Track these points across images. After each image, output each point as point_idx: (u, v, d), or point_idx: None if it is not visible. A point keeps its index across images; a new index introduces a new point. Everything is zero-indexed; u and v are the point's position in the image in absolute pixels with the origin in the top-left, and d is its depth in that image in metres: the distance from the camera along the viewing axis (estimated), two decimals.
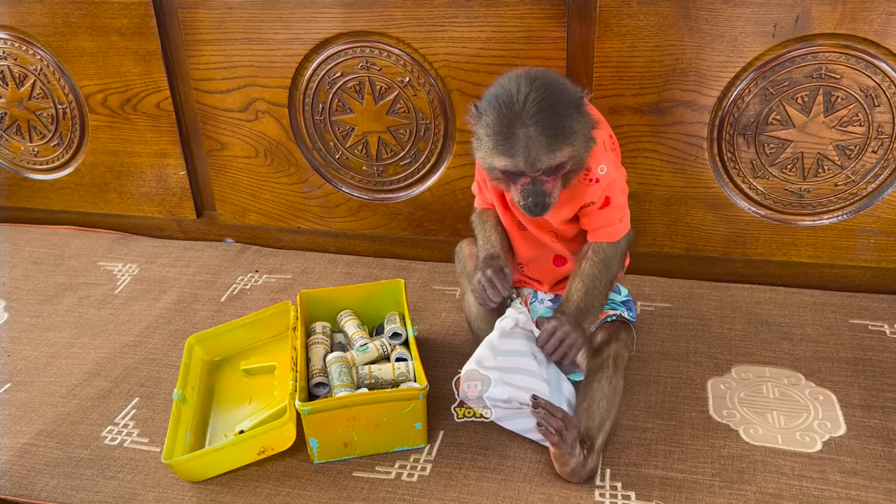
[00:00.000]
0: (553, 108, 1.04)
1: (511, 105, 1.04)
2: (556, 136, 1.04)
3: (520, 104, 1.03)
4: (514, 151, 1.04)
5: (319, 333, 1.38)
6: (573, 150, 1.07)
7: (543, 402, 1.09)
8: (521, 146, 1.04)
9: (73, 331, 1.58)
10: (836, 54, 1.37)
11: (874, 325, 1.44)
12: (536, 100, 1.03)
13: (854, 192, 1.47)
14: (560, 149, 1.05)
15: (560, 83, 1.08)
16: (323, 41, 1.59)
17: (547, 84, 1.05)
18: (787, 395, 1.28)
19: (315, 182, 1.75)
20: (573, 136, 1.06)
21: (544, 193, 1.08)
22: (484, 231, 1.27)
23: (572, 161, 1.08)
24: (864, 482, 1.10)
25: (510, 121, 1.04)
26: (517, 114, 1.03)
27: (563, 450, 1.08)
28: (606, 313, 1.26)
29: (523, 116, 1.03)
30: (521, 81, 1.05)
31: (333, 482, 1.16)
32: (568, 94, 1.07)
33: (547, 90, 1.04)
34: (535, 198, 1.08)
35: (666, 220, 1.57)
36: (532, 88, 1.04)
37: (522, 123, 1.03)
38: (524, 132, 1.03)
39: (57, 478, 1.20)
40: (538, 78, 1.06)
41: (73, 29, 1.72)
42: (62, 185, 1.94)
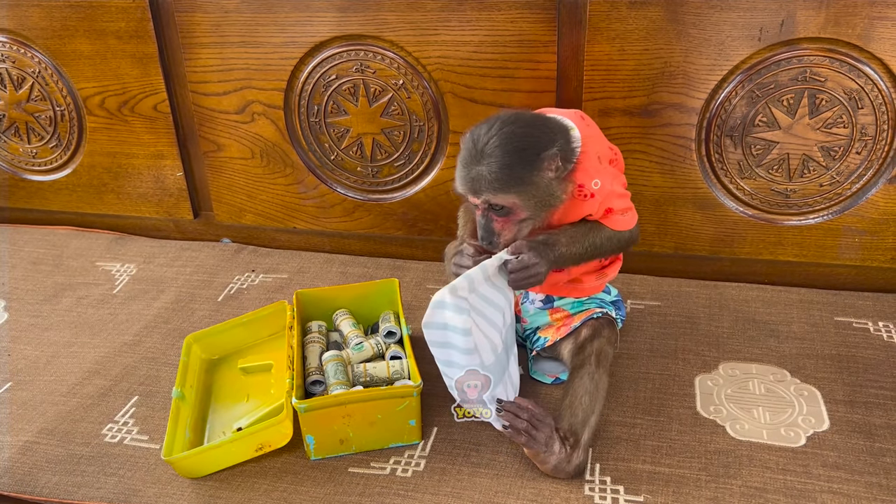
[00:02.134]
0: (506, 156, 1.10)
1: (475, 143, 1.13)
2: (501, 180, 1.11)
3: (480, 145, 1.12)
4: (465, 182, 1.14)
5: (315, 332, 1.41)
6: (521, 200, 1.13)
7: (507, 403, 1.12)
8: (470, 178, 1.13)
9: (72, 330, 1.60)
10: (820, 58, 1.40)
11: (858, 323, 1.47)
12: (495, 144, 1.11)
13: (839, 193, 1.50)
14: (502, 192, 1.11)
15: (531, 133, 1.13)
16: (318, 44, 1.61)
17: (514, 133, 1.12)
18: (772, 392, 1.31)
19: (310, 183, 1.77)
20: (521, 187, 1.11)
21: (492, 231, 1.16)
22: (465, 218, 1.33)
23: (525, 210, 1.14)
24: (847, 476, 1.14)
25: (472, 155, 1.13)
26: (478, 151, 1.12)
27: (536, 449, 1.11)
28: (592, 311, 1.29)
29: (480, 155, 1.12)
30: (494, 124, 1.13)
31: (330, 478, 1.19)
32: (534, 147, 1.12)
33: (510, 138, 1.11)
34: (483, 231, 1.17)
35: (655, 221, 1.60)
36: (498, 133, 1.11)
37: (477, 161, 1.12)
38: (476, 169, 1.12)
39: (58, 475, 1.22)
40: (513, 123, 1.13)
41: (71, 32, 1.74)
42: (60, 187, 1.97)
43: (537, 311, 1.34)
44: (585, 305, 1.32)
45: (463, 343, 1.10)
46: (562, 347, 1.29)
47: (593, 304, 1.33)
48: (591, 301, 1.33)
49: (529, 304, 1.35)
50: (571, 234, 1.20)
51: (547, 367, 1.34)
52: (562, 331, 1.29)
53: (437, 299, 1.10)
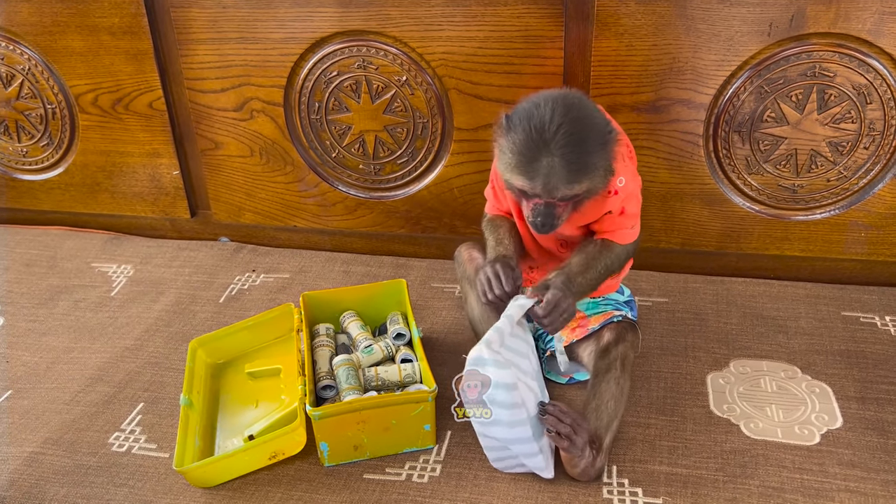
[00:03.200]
0: (581, 144, 1.05)
1: (542, 131, 1.04)
2: (578, 170, 1.06)
3: (550, 133, 1.04)
4: (533, 176, 1.06)
5: (324, 335, 1.39)
6: (591, 184, 1.09)
7: (551, 407, 1.10)
8: (542, 173, 1.06)
9: (71, 335, 1.57)
10: (829, 53, 1.39)
11: (865, 318, 1.47)
12: (567, 132, 1.04)
13: (846, 188, 1.50)
14: (579, 182, 1.07)
15: (592, 116, 1.09)
16: (319, 40, 1.58)
17: (580, 117, 1.06)
18: (784, 389, 1.31)
19: (311, 181, 1.74)
20: (594, 171, 1.07)
21: (554, 216, 1.11)
22: (496, 234, 1.28)
23: (588, 192, 1.10)
24: (863, 474, 1.14)
25: (537, 146, 1.05)
26: (546, 141, 1.04)
27: (573, 453, 1.10)
28: (612, 313, 1.28)
29: (551, 146, 1.04)
30: (556, 108, 1.05)
31: (345, 485, 1.17)
32: (598, 129, 1.08)
33: (579, 124, 1.05)
34: (544, 218, 1.11)
35: (662, 216, 1.59)
36: (565, 120, 1.04)
37: (549, 152, 1.05)
38: (548, 161, 1.05)
39: (66, 486, 1.20)
40: (573, 108, 1.06)
41: (62, 28, 1.70)
42: (52, 186, 1.92)
43: None
44: (601, 307, 1.31)
45: (509, 399, 1.07)
46: (580, 349, 1.28)
47: (609, 305, 1.32)
48: (606, 303, 1.33)
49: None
50: (583, 262, 1.18)
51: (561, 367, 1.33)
52: (577, 332, 1.28)
53: (476, 356, 1.07)
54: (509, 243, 1.25)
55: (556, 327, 1.14)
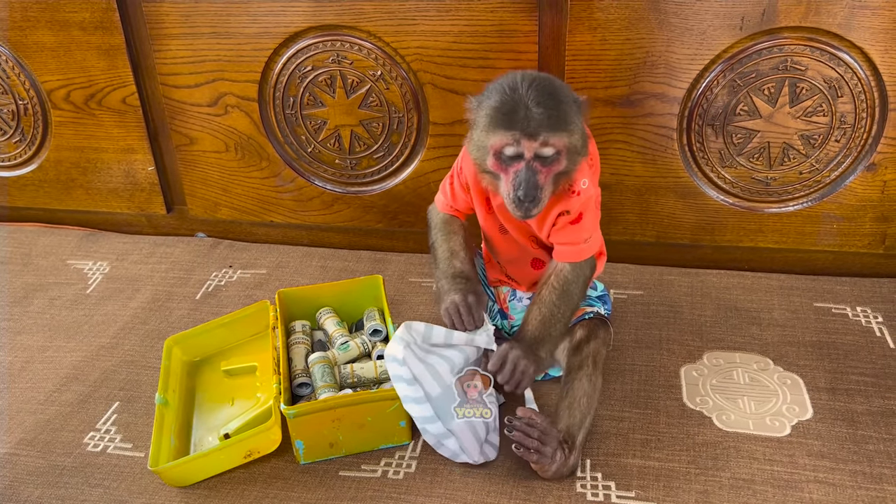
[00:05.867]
0: (555, 95, 1.07)
1: (515, 89, 1.07)
2: (557, 117, 1.06)
3: (524, 88, 1.07)
4: (513, 124, 1.06)
5: (300, 332, 1.39)
6: (570, 141, 1.08)
7: (518, 423, 1.10)
8: (521, 119, 1.06)
9: (46, 333, 1.56)
10: (801, 47, 1.40)
11: (837, 308, 1.49)
12: (539, 86, 1.07)
13: (818, 180, 1.52)
14: (558, 130, 1.07)
15: (562, 84, 1.13)
16: (292, 35, 1.57)
17: (550, 79, 1.10)
18: (756, 381, 1.33)
19: (287, 176, 1.74)
20: (571, 126, 1.08)
21: (537, 185, 1.08)
22: (449, 243, 1.29)
23: (567, 157, 1.09)
24: (831, 464, 1.16)
25: (513, 101, 1.07)
26: (521, 96, 1.06)
27: (544, 463, 1.11)
28: (584, 310, 1.29)
29: (526, 99, 1.06)
30: (525, 75, 1.09)
31: (320, 482, 1.18)
32: (570, 95, 1.11)
33: (550, 82, 1.09)
34: (526, 188, 1.07)
35: (637, 209, 1.60)
36: (536, 79, 1.08)
37: (524, 105, 1.06)
38: (525, 111, 1.06)
39: (41, 487, 1.19)
40: (541, 75, 1.11)
41: (33, 23, 1.68)
42: (26, 182, 1.90)
43: (525, 308, 1.34)
44: None
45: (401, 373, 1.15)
46: None
47: (582, 302, 1.32)
48: None
49: (517, 302, 1.35)
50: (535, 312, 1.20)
51: None
52: None
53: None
54: (464, 257, 1.28)
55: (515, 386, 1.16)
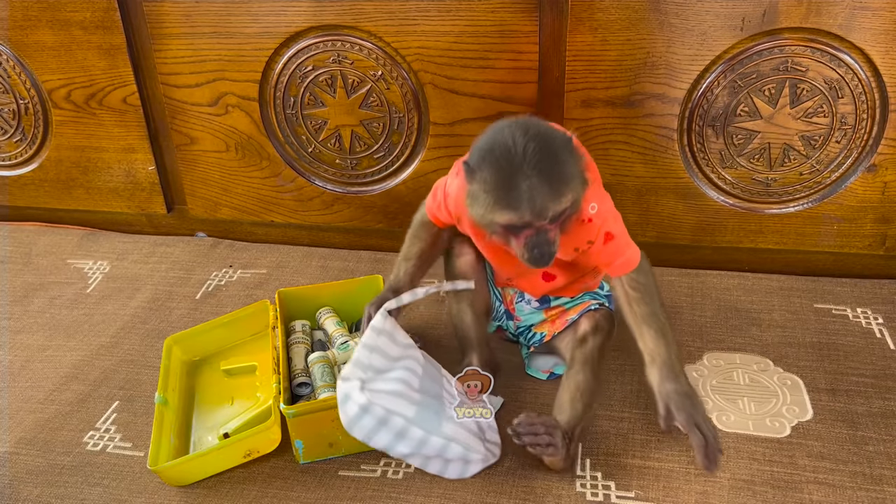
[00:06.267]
0: (552, 156, 1.00)
1: (510, 158, 0.99)
2: (560, 182, 1.01)
3: (519, 156, 0.99)
4: (518, 204, 1.00)
5: (299, 332, 1.39)
6: (574, 194, 1.04)
7: (521, 426, 1.10)
8: (526, 197, 1.00)
9: (46, 332, 1.56)
10: (801, 48, 1.40)
11: (837, 310, 1.49)
12: (536, 149, 0.99)
13: (818, 181, 1.51)
14: (564, 194, 1.02)
15: (550, 129, 1.05)
16: (293, 35, 1.57)
17: (541, 133, 1.02)
18: (756, 382, 1.33)
19: (288, 176, 1.74)
20: (573, 180, 1.03)
21: (549, 243, 1.04)
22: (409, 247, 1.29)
23: (572, 206, 1.05)
24: (831, 465, 1.15)
25: (511, 173, 1.00)
26: (518, 165, 0.99)
27: (557, 455, 1.11)
28: (588, 302, 1.29)
29: (524, 167, 0.99)
30: (514, 132, 1.01)
31: (320, 482, 1.18)
32: (560, 139, 1.04)
33: (543, 138, 1.01)
34: (540, 248, 1.04)
35: (637, 210, 1.60)
36: (528, 138, 1.00)
37: (525, 175, 0.99)
38: (527, 183, 0.99)
39: (40, 486, 1.19)
40: (530, 127, 1.02)
41: (34, 23, 1.68)
42: (26, 182, 1.90)
43: (533, 310, 1.33)
44: (580, 299, 1.32)
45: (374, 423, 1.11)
46: (558, 340, 1.28)
47: (587, 296, 1.32)
48: (584, 294, 1.33)
49: (525, 304, 1.34)
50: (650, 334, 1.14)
51: (541, 362, 1.34)
52: (557, 324, 1.29)
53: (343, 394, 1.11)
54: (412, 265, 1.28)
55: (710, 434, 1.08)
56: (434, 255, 1.31)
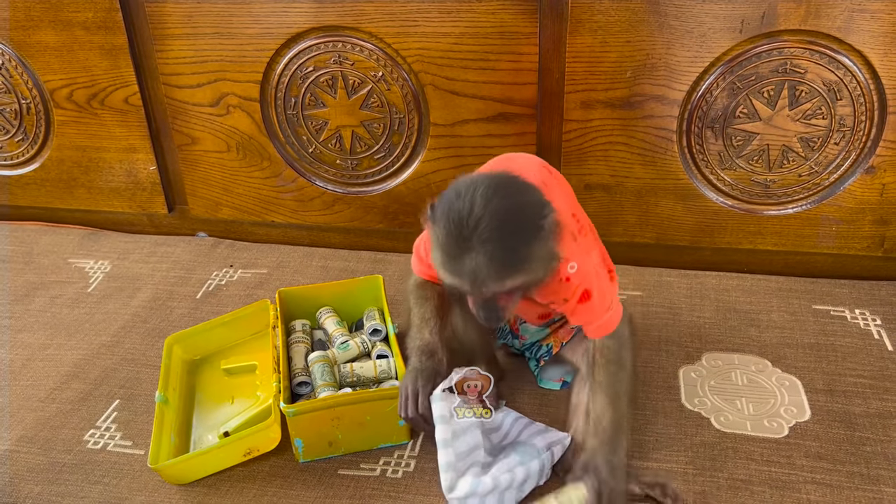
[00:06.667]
0: (506, 237, 0.93)
1: (461, 226, 0.93)
2: (507, 265, 0.94)
3: (469, 228, 0.92)
4: (460, 275, 0.96)
5: (300, 332, 1.39)
6: (526, 277, 0.97)
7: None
8: (468, 272, 0.94)
9: (47, 331, 1.56)
10: (800, 50, 1.40)
11: (836, 311, 1.49)
12: (488, 227, 0.92)
13: (817, 183, 1.52)
14: (510, 277, 0.96)
15: (520, 201, 0.97)
16: (294, 36, 1.58)
17: (505, 206, 0.94)
18: (754, 382, 1.33)
19: (288, 176, 1.74)
20: (528, 264, 0.96)
21: (497, 309, 1.01)
22: (422, 309, 1.19)
23: (530, 284, 1.00)
24: (829, 466, 1.16)
25: (457, 243, 0.94)
26: (465, 238, 0.93)
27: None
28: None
29: (472, 242, 0.92)
30: (476, 197, 0.93)
31: (319, 481, 1.18)
32: (528, 216, 0.95)
33: (503, 214, 0.93)
34: (486, 312, 1.01)
35: (637, 211, 1.60)
36: (486, 211, 0.92)
37: (470, 249, 0.93)
38: (471, 259, 0.93)
39: (41, 484, 1.20)
40: (497, 195, 0.94)
41: (36, 23, 1.68)
42: (28, 181, 1.91)
43: (537, 329, 1.32)
44: None
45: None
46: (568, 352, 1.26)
47: None
48: None
49: (529, 325, 1.32)
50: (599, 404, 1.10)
51: (551, 373, 1.33)
52: (561, 333, 1.28)
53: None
54: (434, 325, 1.17)
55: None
56: (446, 308, 1.22)
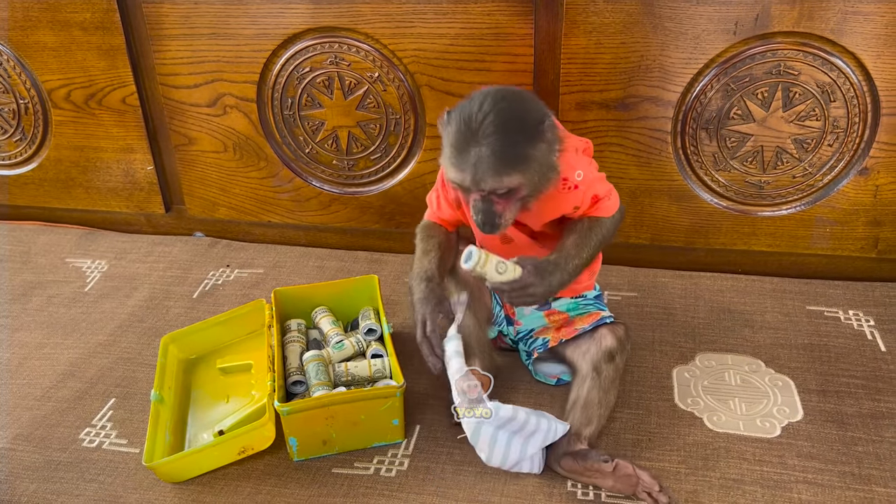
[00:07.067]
0: (508, 132, 1.03)
1: (469, 122, 1.04)
2: (506, 160, 1.03)
3: (476, 123, 1.03)
4: (463, 167, 1.05)
5: (295, 331, 1.40)
6: (524, 178, 1.06)
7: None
8: (470, 164, 1.04)
9: (44, 331, 1.57)
10: (794, 51, 1.41)
11: (829, 312, 1.50)
12: (493, 121, 1.03)
13: (811, 184, 1.53)
14: (508, 174, 1.04)
15: (525, 107, 1.07)
16: (291, 36, 1.59)
17: (509, 107, 1.05)
18: (748, 382, 1.34)
19: (285, 176, 1.75)
20: (526, 163, 1.05)
21: (494, 213, 1.08)
22: (423, 244, 1.27)
23: (527, 188, 1.08)
24: (820, 465, 1.16)
25: (465, 137, 1.04)
26: (473, 132, 1.03)
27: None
28: (599, 314, 1.28)
29: (478, 135, 1.03)
30: (486, 100, 1.05)
31: (313, 479, 1.19)
32: (529, 119, 1.06)
33: (508, 112, 1.04)
34: (484, 216, 1.08)
35: (632, 212, 1.61)
36: (493, 109, 1.03)
37: (476, 143, 1.03)
38: (476, 151, 1.03)
39: (36, 482, 1.20)
40: (504, 99, 1.05)
41: (34, 23, 1.69)
42: (26, 181, 1.92)
43: (533, 312, 1.33)
44: (584, 308, 1.32)
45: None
46: (569, 349, 1.27)
47: (591, 305, 1.32)
48: (586, 302, 1.33)
49: (524, 308, 1.34)
50: (576, 241, 1.18)
51: (548, 369, 1.34)
52: (563, 331, 1.28)
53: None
54: (435, 255, 1.24)
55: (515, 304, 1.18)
56: (449, 251, 1.29)
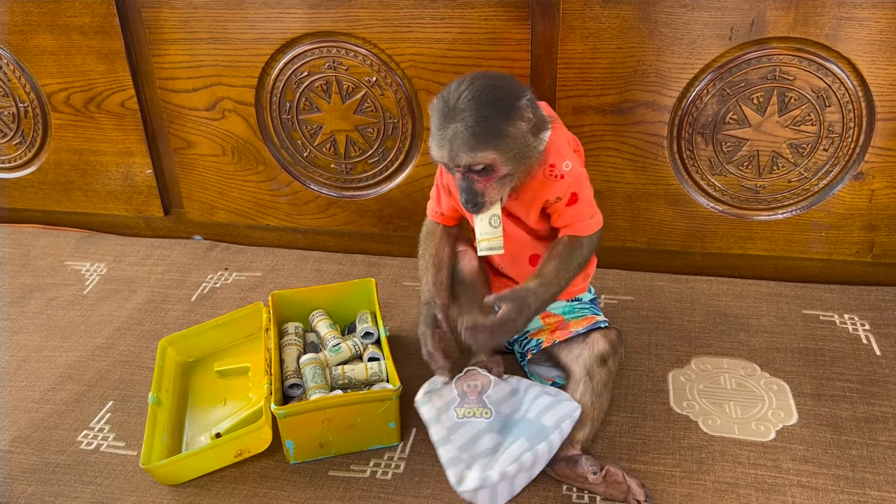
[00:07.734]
0: (482, 108, 1.07)
1: (448, 100, 1.09)
2: (479, 135, 1.07)
3: (453, 100, 1.08)
4: (442, 143, 1.09)
5: (292, 334, 1.40)
6: (499, 153, 1.08)
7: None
8: (447, 140, 1.08)
9: (42, 333, 1.58)
10: (789, 57, 1.42)
11: (825, 316, 1.50)
12: (469, 98, 1.07)
13: (806, 188, 1.53)
14: (481, 149, 1.07)
15: (502, 84, 1.11)
16: (289, 41, 1.59)
17: (486, 84, 1.09)
18: (743, 386, 1.34)
19: (283, 180, 1.76)
20: (500, 139, 1.08)
21: (475, 192, 1.11)
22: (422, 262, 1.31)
23: (504, 164, 1.10)
24: (815, 469, 1.17)
25: (444, 115, 1.09)
26: (451, 109, 1.08)
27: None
28: (594, 318, 1.28)
29: (455, 112, 1.08)
30: (465, 80, 1.10)
31: (310, 482, 1.19)
32: (507, 97, 1.09)
33: (484, 90, 1.08)
34: (466, 194, 1.12)
35: (628, 216, 1.62)
36: (469, 87, 1.08)
37: (452, 119, 1.08)
38: (452, 127, 1.08)
39: (34, 484, 1.21)
40: (483, 78, 1.10)
41: (34, 27, 1.70)
42: (25, 184, 1.92)
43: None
44: (579, 312, 1.32)
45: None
46: (562, 352, 1.27)
47: (586, 309, 1.33)
48: (581, 305, 1.33)
49: None
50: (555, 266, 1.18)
51: (543, 371, 1.34)
52: (557, 333, 1.28)
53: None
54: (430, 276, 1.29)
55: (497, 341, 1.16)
56: (445, 260, 1.32)
